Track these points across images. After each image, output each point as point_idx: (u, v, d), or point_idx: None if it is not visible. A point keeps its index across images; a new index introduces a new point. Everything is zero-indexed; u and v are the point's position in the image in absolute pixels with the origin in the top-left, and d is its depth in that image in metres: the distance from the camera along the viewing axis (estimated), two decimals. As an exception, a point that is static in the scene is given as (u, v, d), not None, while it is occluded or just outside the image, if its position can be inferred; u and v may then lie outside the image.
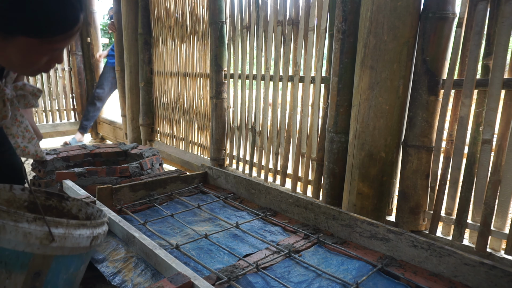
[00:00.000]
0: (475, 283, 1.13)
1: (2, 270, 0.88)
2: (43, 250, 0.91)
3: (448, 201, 1.66)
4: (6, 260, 0.88)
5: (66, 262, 0.98)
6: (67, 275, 1.00)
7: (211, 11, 2.69)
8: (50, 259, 0.94)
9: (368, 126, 1.68)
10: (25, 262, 0.90)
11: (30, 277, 0.91)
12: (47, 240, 0.91)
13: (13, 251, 0.88)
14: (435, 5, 1.53)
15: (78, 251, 1.00)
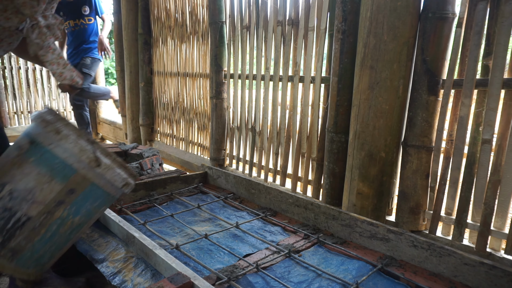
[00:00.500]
0: (475, 283, 1.13)
1: (47, 174, 0.96)
2: (86, 172, 1.00)
3: (448, 201, 1.66)
4: (54, 167, 0.96)
5: (96, 194, 1.06)
6: (91, 206, 1.06)
7: (211, 11, 2.69)
8: (87, 183, 1.01)
9: (368, 126, 1.68)
10: (68, 175, 0.98)
11: (64, 191, 0.98)
12: (94, 163, 0.99)
13: (62, 161, 0.97)
14: (435, 5, 1.53)
15: (110, 189, 1.08)
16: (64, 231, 1.03)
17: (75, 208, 1.02)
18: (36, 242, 0.98)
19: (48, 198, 0.97)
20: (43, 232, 0.98)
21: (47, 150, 0.97)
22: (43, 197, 0.96)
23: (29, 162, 0.97)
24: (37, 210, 0.96)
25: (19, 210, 0.95)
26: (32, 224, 0.96)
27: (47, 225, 0.98)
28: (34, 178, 0.96)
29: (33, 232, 0.96)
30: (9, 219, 0.94)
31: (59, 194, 0.98)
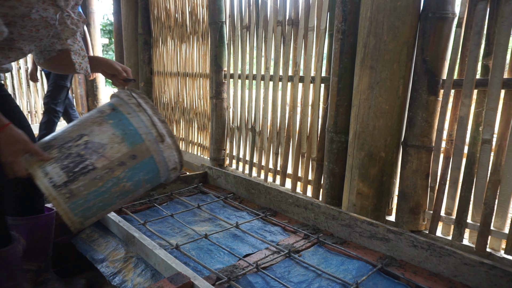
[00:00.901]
0: (475, 283, 1.13)
1: (120, 136, 1.12)
2: (150, 144, 1.15)
3: (448, 201, 1.66)
4: (127, 132, 1.13)
5: (151, 167, 1.18)
6: (142, 177, 1.17)
7: (211, 11, 2.69)
8: (148, 154, 1.15)
9: (368, 126, 1.68)
10: (135, 143, 1.13)
11: (129, 155, 1.12)
12: (159, 138, 1.16)
13: (135, 130, 1.14)
14: (435, 5, 1.53)
15: (162, 167, 1.20)
16: (114, 192, 1.13)
17: (131, 174, 1.14)
18: (91, 192, 1.08)
19: (114, 156, 1.10)
20: (100, 185, 1.09)
21: (125, 117, 1.15)
22: (111, 154, 1.10)
23: (108, 123, 1.14)
24: (102, 164, 1.09)
25: (89, 159, 1.07)
26: (94, 174, 1.08)
27: (104, 180, 1.09)
28: (109, 136, 1.11)
29: (93, 182, 1.07)
30: (78, 164, 1.06)
31: (124, 156, 1.12)
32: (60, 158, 1.06)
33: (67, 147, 1.08)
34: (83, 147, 1.08)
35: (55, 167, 1.04)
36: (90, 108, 5.10)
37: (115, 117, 1.15)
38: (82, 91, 4.98)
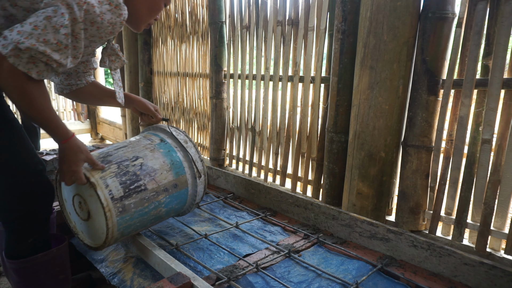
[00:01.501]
0: (475, 283, 1.13)
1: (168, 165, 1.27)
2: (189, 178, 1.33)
3: (448, 201, 1.66)
4: (174, 163, 1.29)
5: (182, 198, 1.32)
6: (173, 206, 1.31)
7: (211, 11, 2.69)
8: (185, 186, 1.32)
9: (368, 126, 1.68)
10: (179, 174, 1.29)
11: (172, 183, 1.26)
12: (198, 174, 1.34)
13: (180, 163, 1.30)
14: (435, 5, 1.53)
15: (190, 200, 1.36)
16: (151, 215, 1.23)
17: (169, 201, 1.27)
18: (137, 211, 1.17)
19: (162, 182, 1.23)
20: (146, 205, 1.19)
21: (173, 149, 1.32)
22: (159, 179, 1.23)
23: (159, 151, 1.28)
24: (152, 186, 1.20)
25: (142, 179, 1.19)
26: (144, 194, 1.18)
27: (150, 202, 1.20)
28: (160, 163, 1.25)
29: (141, 202, 1.17)
30: (134, 182, 1.17)
31: (169, 183, 1.25)
32: (119, 173, 1.15)
33: (125, 165, 1.18)
34: (139, 167, 1.20)
35: (115, 181, 1.13)
36: (90, 108, 5.10)
37: (165, 147, 1.31)
38: (82, 91, 4.97)
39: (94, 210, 1.15)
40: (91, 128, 5.21)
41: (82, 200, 1.17)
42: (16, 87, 0.90)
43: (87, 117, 5.20)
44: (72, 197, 1.20)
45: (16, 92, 0.91)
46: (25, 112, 0.94)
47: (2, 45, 0.86)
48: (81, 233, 1.25)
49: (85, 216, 1.19)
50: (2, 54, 0.86)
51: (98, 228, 1.16)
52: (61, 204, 1.27)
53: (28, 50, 0.87)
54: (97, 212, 1.14)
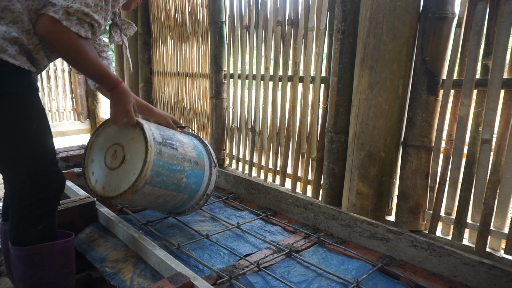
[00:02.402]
0: (474, 283, 1.13)
1: (192, 146, 1.45)
2: (206, 164, 1.49)
3: (447, 201, 1.66)
4: (196, 147, 1.47)
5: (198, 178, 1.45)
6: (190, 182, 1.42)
7: (211, 11, 2.69)
8: (202, 169, 1.46)
9: (367, 126, 1.68)
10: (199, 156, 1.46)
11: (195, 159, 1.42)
12: (214, 164, 1.51)
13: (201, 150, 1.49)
14: (435, 5, 1.53)
15: (202, 186, 1.48)
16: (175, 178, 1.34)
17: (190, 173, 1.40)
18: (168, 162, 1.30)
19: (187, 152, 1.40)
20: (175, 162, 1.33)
21: (195, 139, 1.54)
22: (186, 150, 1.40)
23: (185, 135, 1.51)
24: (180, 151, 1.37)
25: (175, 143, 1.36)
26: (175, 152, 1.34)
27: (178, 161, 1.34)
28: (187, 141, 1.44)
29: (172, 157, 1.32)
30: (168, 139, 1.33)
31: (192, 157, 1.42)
32: (158, 130, 1.32)
33: (162, 129, 1.36)
34: (172, 134, 1.38)
35: (156, 131, 1.29)
36: (90, 108, 5.10)
37: (189, 136, 1.53)
38: (82, 91, 4.98)
39: (132, 151, 1.25)
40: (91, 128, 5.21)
41: (120, 147, 1.27)
42: (72, 45, 1.02)
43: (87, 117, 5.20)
44: (106, 151, 1.30)
45: (72, 49, 1.02)
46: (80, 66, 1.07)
47: (53, 11, 0.97)
48: (101, 190, 1.28)
49: (117, 163, 1.26)
50: (56, 18, 0.97)
51: (130, 170, 1.23)
52: (85, 167, 1.35)
53: (75, 13, 0.99)
54: (135, 152, 1.24)
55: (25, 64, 1.01)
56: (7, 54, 0.96)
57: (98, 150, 1.34)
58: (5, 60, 0.95)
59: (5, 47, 0.96)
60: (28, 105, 1.03)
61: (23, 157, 1.04)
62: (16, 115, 1.01)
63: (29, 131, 1.03)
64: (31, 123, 1.04)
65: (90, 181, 1.32)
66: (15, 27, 0.99)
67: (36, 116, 1.06)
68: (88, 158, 1.36)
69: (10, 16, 0.98)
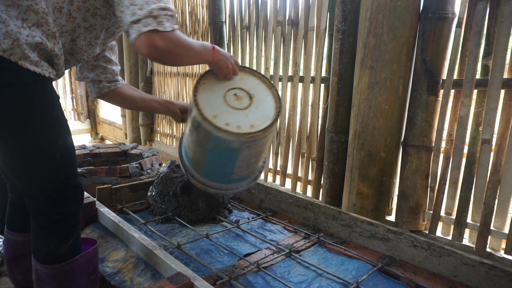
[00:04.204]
0: (475, 283, 1.13)
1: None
2: None
3: (447, 201, 1.66)
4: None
5: None
6: None
7: (211, 11, 2.69)
8: None
9: (367, 126, 1.68)
10: None
11: None
12: None
13: None
14: (435, 5, 1.53)
15: None
16: None
17: None
18: None
19: None
20: None
21: None
22: None
23: None
24: None
25: None
26: None
27: None
28: None
29: None
30: None
31: None
32: None
33: None
34: None
35: None
36: (90, 108, 5.10)
37: None
38: (82, 91, 4.98)
39: (252, 86, 1.27)
40: (91, 128, 5.21)
41: (237, 89, 1.26)
42: (172, 44, 0.95)
43: (87, 117, 5.20)
44: (224, 99, 1.24)
45: (182, 48, 0.99)
46: (186, 58, 1.03)
47: (143, 25, 0.90)
48: (251, 128, 1.20)
49: (247, 101, 1.24)
50: (144, 31, 0.90)
51: (264, 98, 1.25)
52: (214, 123, 1.21)
53: (158, 12, 0.91)
54: (255, 85, 1.27)
55: (46, 70, 0.92)
56: (29, 61, 0.87)
57: (213, 105, 1.24)
58: (26, 67, 0.86)
59: (27, 53, 0.86)
60: (53, 119, 0.96)
61: (50, 174, 0.98)
62: (42, 131, 0.94)
63: (56, 147, 0.97)
64: (58, 138, 0.97)
65: (233, 131, 1.18)
66: (39, 30, 0.90)
67: (61, 130, 0.99)
68: (208, 116, 1.20)
69: (33, 18, 0.89)
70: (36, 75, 0.89)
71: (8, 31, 0.83)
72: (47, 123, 0.94)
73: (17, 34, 0.84)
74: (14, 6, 0.85)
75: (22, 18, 0.86)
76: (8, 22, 0.84)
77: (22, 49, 0.85)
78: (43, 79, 0.92)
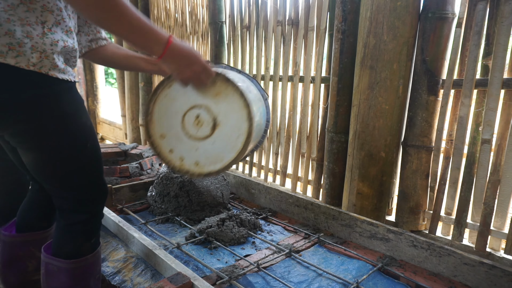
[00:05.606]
0: (474, 283, 1.14)
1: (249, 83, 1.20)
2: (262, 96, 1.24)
3: (447, 201, 1.66)
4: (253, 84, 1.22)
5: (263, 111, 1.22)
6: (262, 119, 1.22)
7: (211, 11, 2.69)
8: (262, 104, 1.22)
9: (368, 126, 1.68)
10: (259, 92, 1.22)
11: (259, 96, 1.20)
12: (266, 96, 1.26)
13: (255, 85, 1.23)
14: (435, 5, 1.53)
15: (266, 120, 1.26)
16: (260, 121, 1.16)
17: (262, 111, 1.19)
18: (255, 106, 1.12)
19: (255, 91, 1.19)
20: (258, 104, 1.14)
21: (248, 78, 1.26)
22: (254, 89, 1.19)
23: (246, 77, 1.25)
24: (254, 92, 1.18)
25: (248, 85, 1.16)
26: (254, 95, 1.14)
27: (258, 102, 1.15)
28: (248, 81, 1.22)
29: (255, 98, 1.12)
30: (244, 82, 1.13)
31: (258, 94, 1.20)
32: (234, 74, 1.11)
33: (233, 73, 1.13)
34: (239, 76, 1.17)
35: (234, 76, 1.06)
36: (90, 108, 5.10)
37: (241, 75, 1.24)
38: (82, 91, 4.98)
39: (224, 110, 1.02)
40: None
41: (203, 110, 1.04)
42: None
43: (87, 117, 5.20)
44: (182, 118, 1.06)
45: None
46: (116, 25, 0.81)
47: None
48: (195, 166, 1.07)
49: (206, 131, 1.04)
50: None
51: (229, 134, 1.03)
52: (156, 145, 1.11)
53: None
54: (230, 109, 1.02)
55: (72, 75, 0.93)
56: (57, 70, 0.87)
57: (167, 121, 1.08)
58: (56, 77, 0.87)
59: (55, 62, 0.86)
60: (82, 123, 0.97)
61: (81, 177, 1.01)
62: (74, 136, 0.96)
63: (86, 150, 0.99)
64: (86, 142, 0.99)
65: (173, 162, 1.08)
66: (59, 29, 0.88)
67: (90, 133, 1.01)
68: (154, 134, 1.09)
69: (51, 18, 0.87)
70: (65, 82, 0.90)
71: (34, 45, 0.84)
72: (77, 129, 0.97)
73: (42, 45, 0.85)
74: (30, 11, 0.85)
75: (41, 22, 0.86)
76: (32, 34, 0.84)
77: (50, 59, 0.86)
78: (71, 85, 0.93)
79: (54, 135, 0.92)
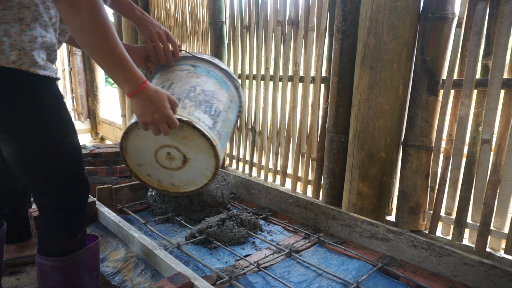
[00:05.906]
0: (474, 283, 1.14)
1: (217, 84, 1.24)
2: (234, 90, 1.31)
3: (447, 201, 1.66)
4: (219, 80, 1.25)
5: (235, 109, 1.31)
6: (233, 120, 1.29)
7: (211, 11, 2.69)
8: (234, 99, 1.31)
9: (368, 126, 1.68)
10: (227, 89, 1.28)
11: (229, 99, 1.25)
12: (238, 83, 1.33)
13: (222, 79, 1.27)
14: (435, 5, 1.53)
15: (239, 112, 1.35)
16: (228, 134, 1.22)
17: (232, 117, 1.25)
18: (225, 133, 1.17)
19: (224, 100, 1.22)
20: (226, 126, 1.18)
21: (210, 70, 1.26)
22: (222, 99, 1.21)
23: (202, 75, 1.23)
24: (222, 107, 1.19)
25: (214, 104, 1.16)
26: (222, 116, 1.17)
27: (226, 122, 1.19)
28: (212, 85, 1.21)
29: (223, 124, 1.17)
30: (211, 109, 1.14)
31: (227, 100, 1.24)
32: (196, 105, 1.11)
33: (193, 97, 1.13)
34: (203, 95, 1.16)
35: (200, 113, 1.09)
36: (90, 108, 5.10)
37: (203, 70, 1.25)
38: (82, 91, 4.98)
39: (192, 150, 1.11)
40: (91, 128, 5.21)
41: (173, 148, 1.12)
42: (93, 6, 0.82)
43: (87, 117, 5.20)
44: (154, 153, 1.15)
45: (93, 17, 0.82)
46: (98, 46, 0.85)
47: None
48: (172, 186, 1.22)
49: (178, 164, 1.14)
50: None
51: (199, 167, 1.14)
52: (135, 172, 1.23)
53: None
54: (197, 150, 1.10)
55: (54, 72, 0.94)
56: (38, 67, 0.89)
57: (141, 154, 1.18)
58: (37, 73, 0.88)
59: (35, 59, 0.88)
60: (61, 118, 0.99)
61: (60, 171, 1.01)
62: (51, 130, 0.97)
63: (64, 145, 1.00)
64: (65, 135, 1.00)
65: (152, 183, 1.23)
66: (37, 25, 0.89)
67: (69, 128, 1.02)
68: (131, 163, 1.21)
69: (28, 14, 0.88)
70: (46, 77, 0.92)
71: (12, 43, 0.85)
72: (56, 122, 0.98)
73: (21, 43, 0.86)
74: (7, 9, 0.86)
75: (19, 19, 0.87)
76: (10, 32, 0.85)
77: (29, 56, 0.87)
78: (51, 80, 0.95)
79: (32, 125, 0.93)
